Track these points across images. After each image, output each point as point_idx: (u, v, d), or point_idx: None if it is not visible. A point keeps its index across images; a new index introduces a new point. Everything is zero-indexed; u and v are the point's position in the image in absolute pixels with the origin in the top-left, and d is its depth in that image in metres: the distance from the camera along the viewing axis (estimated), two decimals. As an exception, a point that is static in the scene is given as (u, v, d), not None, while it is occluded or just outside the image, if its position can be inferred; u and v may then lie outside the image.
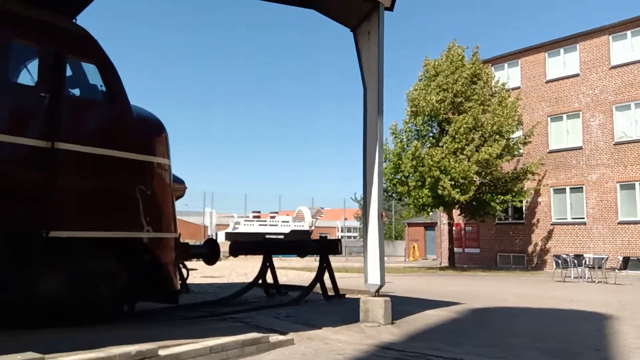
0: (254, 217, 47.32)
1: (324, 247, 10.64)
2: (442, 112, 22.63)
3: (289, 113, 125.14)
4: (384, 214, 7.66)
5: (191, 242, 10.06)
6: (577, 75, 24.37)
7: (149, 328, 6.52)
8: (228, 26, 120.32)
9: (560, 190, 24.61)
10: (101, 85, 6.82)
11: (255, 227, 44.50)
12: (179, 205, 8.46)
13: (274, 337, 5.99)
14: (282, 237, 37.77)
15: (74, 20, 7.23)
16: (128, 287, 6.96)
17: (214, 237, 32.18)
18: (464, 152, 21.63)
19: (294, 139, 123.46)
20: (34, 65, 6.35)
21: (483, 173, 22.31)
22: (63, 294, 6.18)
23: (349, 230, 65.06)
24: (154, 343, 4.76)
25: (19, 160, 5.83)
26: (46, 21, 6.43)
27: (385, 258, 8.21)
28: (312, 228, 48.60)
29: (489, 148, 21.56)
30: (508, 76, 26.31)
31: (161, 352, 4.65)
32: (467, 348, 5.97)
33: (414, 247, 38.65)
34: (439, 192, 21.43)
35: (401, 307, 8.41)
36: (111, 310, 6.89)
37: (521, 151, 24.52)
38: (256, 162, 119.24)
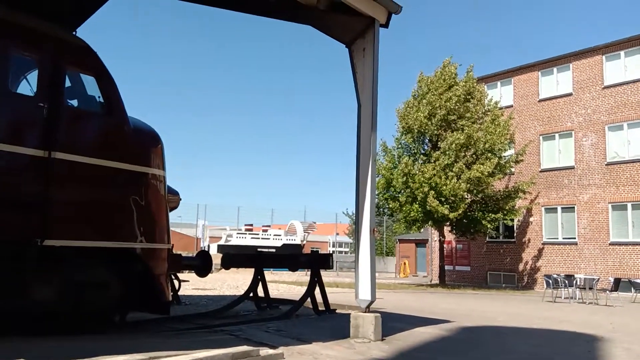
0: (246, 230, 47.18)
1: (315, 261, 10.67)
2: (431, 129, 22.77)
3: (282, 126, 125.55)
4: (375, 229, 7.68)
5: (184, 254, 10.06)
6: (570, 94, 24.64)
7: (140, 338, 6.52)
8: (226, 37, 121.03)
9: (551, 210, 24.77)
10: (99, 97, 6.89)
11: (247, 240, 44.33)
12: (173, 216, 8.49)
13: (264, 351, 5.99)
14: (273, 250, 37.66)
15: (74, 32, 7.32)
16: (120, 296, 6.96)
17: (207, 249, 32.07)
18: (453, 169, 21.75)
19: (287, 152, 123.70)
20: (33, 76, 6.41)
21: (474, 191, 22.40)
22: (56, 303, 6.18)
23: (340, 245, 64.93)
24: (145, 354, 4.77)
25: (16, 168, 5.88)
26: (46, 32, 6.50)
27: (376, 274, 8.23)
28: (304, 242, 48.44)
29: (481, 166, 21.66)
30: (501, 94, 26.56)
31: (152, 364, 4.67)
32: (456, 365, 5.99)
33: (404, 263, 38.62)
34: (428, 208, 21.54)
35: (391, 323, 8.43)
36: (103, 319, 6.87)
37: (513, 170, 24.67)
38: (249, 175, 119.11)
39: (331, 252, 50.25)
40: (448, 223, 23.41)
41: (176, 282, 9.70)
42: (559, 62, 25.26)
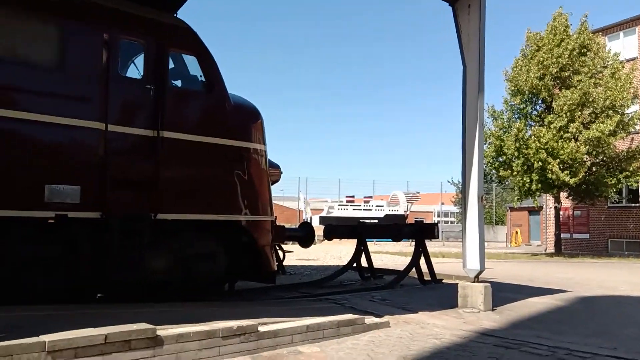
0: (348, 201, 47.58)
1: (419, 232, 10.45)
2: (543, 89, 21.21)
3: (382, 95, 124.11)
4: (484, 197, 7.42)
5: (287, 226, 10.33)
6: None
7: (248, 306, 6.82)
8: (325, 12, 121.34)
9: (682, 170, 22.25)
10: (201, 76, 7.13)
11: (349, 212, 44.70)
12: (275, 190, 8.70)
13: (370, 319, 6.00)
14: (376, 221, 37.67)
15: (175, 14, 7.61)
16: (228, 267, 7.31)
17: (309, 221, 32.77)
18: (569, 131, 20.16)
19: (388, 121, 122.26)
20: (139, 59, 6.79)
21: (594, 152, 20.71)
22: (169, 273, 6.61)
23: (445, 215, 63.45)
24: (254, 320, 4.95)
25: (131, 148, 6.30)
26: (150, 17, 6.81)
27: (485, 243, 7.91)
28: (407, 212, 47.88)
29: (601, 125, 19.93)
30: (624, 46, 24.08)
31: (260, 329, 4.83)
32: (574, 337, 5.61)
33: (516, 232, 36.98)
34: (548, 175, 20.21)
35: (502, 293, 8.08)
36: (213, 288, 7.27)
37: (638, 127, 22.40)
38: (349, 146, 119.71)
39: (436, 222, 49.32)
40: (566, 189, 21.93)
41: (280, 253, 9.98)
42: (692, 2, 22.33)
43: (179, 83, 7.23)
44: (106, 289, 6.60)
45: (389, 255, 19.92)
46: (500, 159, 22.05)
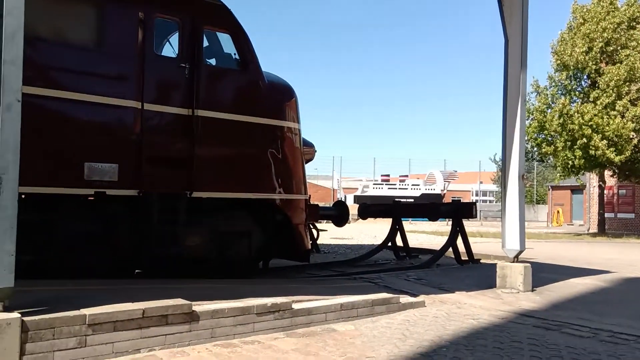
0: (383, 180, 47.39)
1: (457, 211, 10.30)
2: (590, 64, 20.37)
3: (419, 71, 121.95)
4: (525, 175, 7.23)
5: (321, 205, 10.31)
6: None
7: (282, 283, 6.86)
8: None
9: None
10: (235, 54, 7.09)
11: (384, 191, 44.50)
12: (309, 168, 8.67)
13: (405, 299, 5.95)
14: (411, 200, 37.38)
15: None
16: (262, 245, 7.35)
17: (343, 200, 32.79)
18: (616, 108, 19.37)
19: (425, 97, 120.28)
20: (174, 38, 6.78)
21: (642, 130, 19.90)
22: (205, 250, 6.69)
23: (484, 194, 62.44)
24: (288, 297, 4.97)
25: (167, 127, 6.33)
26: (184, -5, 6.77)
27: (526, 223, 7.72)
28: (444, 192, 47.37)
29: (650, 101, 19.10)
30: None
31: (294, 306, 4.85)
32: (617, 319, 5.43)
33: (558, 211, 36.04)
34: (592, 152, 19.54)
35: (542, 274, 7.89)
36: (247, 266, 7.33)
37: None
38: (384, 124, 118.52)
39: (474, 201, 48.61)
40: (611, 167, 21.18)
41: (315, 232, 10.00)
42: None
43: (213, 61, 7.21)
44: (144, 265, 6.74)
45: (425, 234, 19.74)
46: (543, 135, 21.47)
